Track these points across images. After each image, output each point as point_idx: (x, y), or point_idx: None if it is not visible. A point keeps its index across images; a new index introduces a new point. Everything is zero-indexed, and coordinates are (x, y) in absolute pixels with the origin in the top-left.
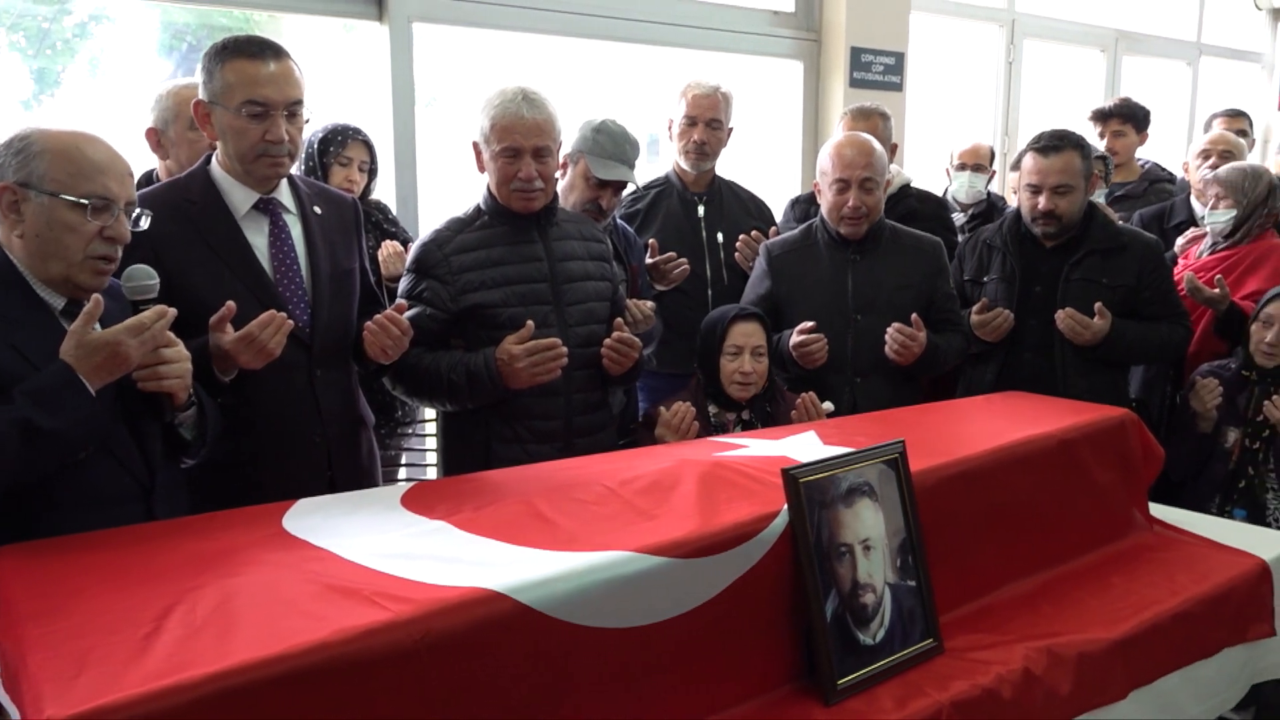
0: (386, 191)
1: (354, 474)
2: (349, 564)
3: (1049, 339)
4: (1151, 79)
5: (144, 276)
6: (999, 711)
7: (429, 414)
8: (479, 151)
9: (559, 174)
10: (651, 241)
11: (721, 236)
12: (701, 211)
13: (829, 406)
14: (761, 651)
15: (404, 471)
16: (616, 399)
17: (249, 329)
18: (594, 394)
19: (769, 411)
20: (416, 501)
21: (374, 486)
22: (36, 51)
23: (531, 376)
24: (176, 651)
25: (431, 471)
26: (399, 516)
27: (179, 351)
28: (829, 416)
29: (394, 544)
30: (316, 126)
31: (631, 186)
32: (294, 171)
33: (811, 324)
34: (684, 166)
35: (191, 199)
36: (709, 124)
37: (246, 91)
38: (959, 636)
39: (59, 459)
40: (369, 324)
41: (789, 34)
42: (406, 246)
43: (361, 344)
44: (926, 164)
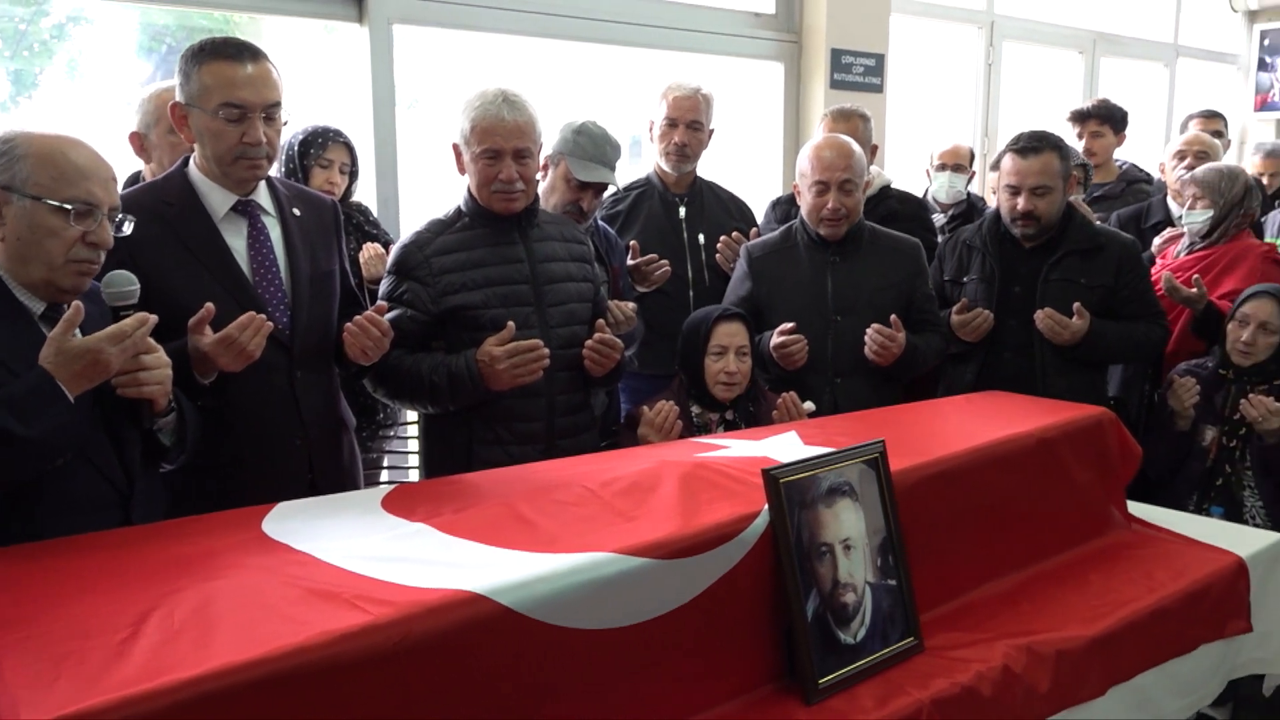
0: (367, 193)
1: (335, 476)
2: (329, 567)
3: (1028, 339)
4: (1129, 80)
5: (124, 283)
6: (979, 709)
7: (411, 416)
8: (459, 153)
9: (540, 176)
10: (633, 243)
11: (703, 238)
12: (683, 213)
13: (810, 406)
14: (742, 651)
15: (386, 474)
16: (599, 400)
17: (228, 331)
18: (576, 395)
19: (752, 411)
20: (397, 504)
21: (355, 489)
22: (13, 53)
23: (513, 378)
24: (155, 656)
25: (413, 474)
26: (379, 519)
27: (159, 358)
28: (810, 416)
29: (374, 547)
30: (297, 128)
31: (612, 188)
32: (273, 173)
33: (792, 325)
34: (665, 168)
35: (169, 201)
36: (690, 125)
37: (224, 94)
38: (939, 635)
39: (36, 466)
40: (349, 325)
41: (770, 36)
42: (387, 248)
43: (342, 346)
44: (907, 165)
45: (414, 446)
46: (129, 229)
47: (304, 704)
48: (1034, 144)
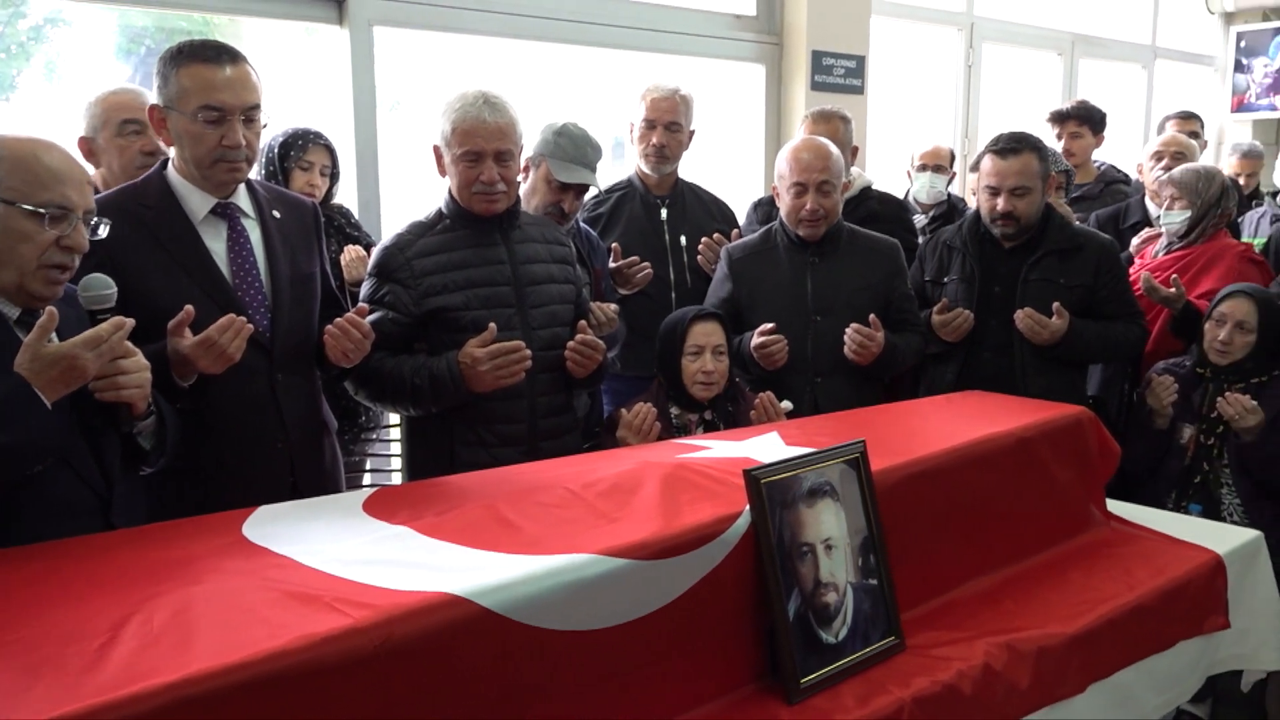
0: (348, 196)
1: (317, 479)
2: (309, 570)
3: (1008, 339)
4: (1107, 82)
5: (101, 286)
6: (960, 707)
7: (393, 419)
8: (440, 155)
9: (521, 177)
10: (614, 245)
11: (684, 239)
12: (664, 214)
13: (788, 405)
14: (724, 652)
15: (368, 476)
16: (581, 402)
17: (208, 333)
18: (558, 397)
19: (731, 411)
20: (378, 507)
21: (337, 492)
22: None
23: (495, 380)
24: (134, 661)
25: (396, 476)
26: (360, 522)
27: (138, 361)
28: (788, 415)
29: (355, 550)
30: (277, 130)
31: (594, 190)
32: (253, 176)
33: (772, 325)
34: (645, 170)
35: (147, 204)
36: (668, 127)
37: (203, 96)
38: (920, 633)
39: (14, 472)
40: (330, 327)
41: (751, 37)
42: (369, 250)
43: (323, 348)
44: (888, 166)
45: (396, 449)
46: (104, 232)
47: (284, 708)
48: (1013, 145)
